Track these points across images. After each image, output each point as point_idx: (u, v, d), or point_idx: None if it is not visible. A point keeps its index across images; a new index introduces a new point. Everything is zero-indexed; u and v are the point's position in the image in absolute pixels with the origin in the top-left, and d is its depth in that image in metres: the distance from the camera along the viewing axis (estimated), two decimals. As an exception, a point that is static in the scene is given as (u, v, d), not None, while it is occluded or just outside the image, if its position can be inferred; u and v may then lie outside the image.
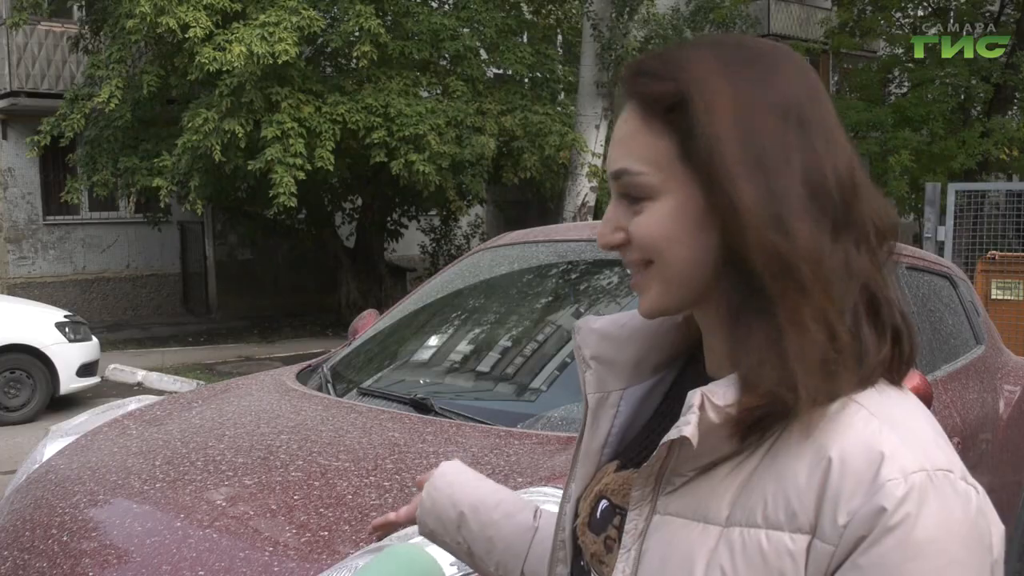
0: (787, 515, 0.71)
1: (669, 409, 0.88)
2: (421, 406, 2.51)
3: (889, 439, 0.71)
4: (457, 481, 1.15)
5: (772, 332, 0.73)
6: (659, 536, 0.78)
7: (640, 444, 0.88)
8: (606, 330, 0.93)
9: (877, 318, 0.76)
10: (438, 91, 11.10)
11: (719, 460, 0.76)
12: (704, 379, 0.85)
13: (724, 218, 0.74)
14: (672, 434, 0.75)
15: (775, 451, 0.74)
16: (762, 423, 0.74)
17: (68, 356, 7.68)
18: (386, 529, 1.20)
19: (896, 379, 0.78)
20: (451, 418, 2.42)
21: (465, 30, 11.15)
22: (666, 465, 0.78)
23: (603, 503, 0.87)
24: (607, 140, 11.51)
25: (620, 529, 0.83)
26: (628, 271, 0.83)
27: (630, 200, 0.80)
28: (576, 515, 0.92)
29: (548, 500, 1.82)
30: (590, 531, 0.88)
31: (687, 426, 0.74)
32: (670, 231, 0.77)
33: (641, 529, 0.79)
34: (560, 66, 12.65)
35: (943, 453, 0.72)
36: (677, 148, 0.77)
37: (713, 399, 0.74)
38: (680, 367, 0.92)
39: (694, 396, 0.75)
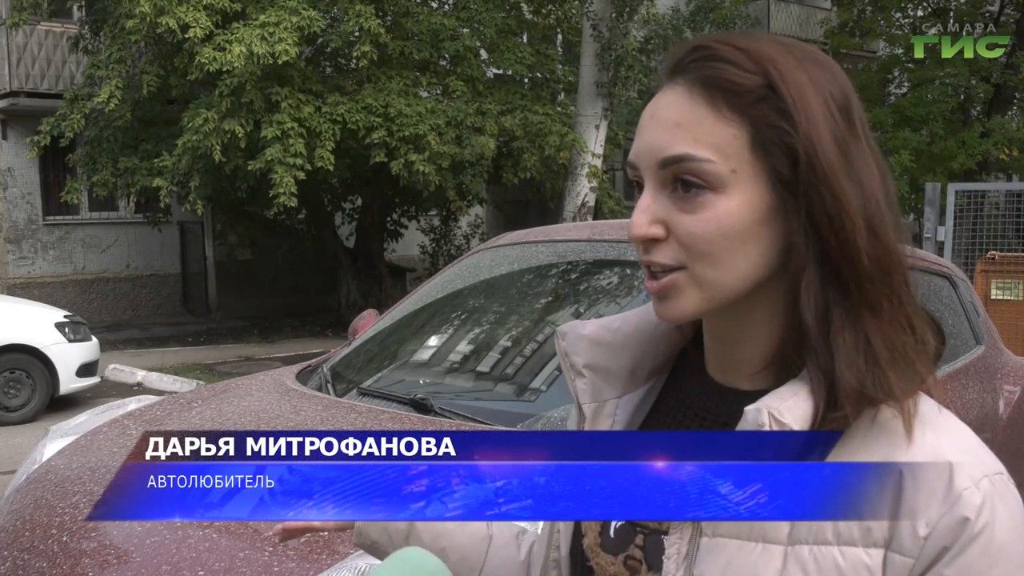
0: (861, 530, 0.69)
1: (666, 416, 0.85)
2: (421, 406, 2.51)
3: (949, 448, 0.71)
4: None
5: (865, 335, 0.72)
6: (713, 560, 0.73)
7: None
8: (598, 336, 0.87)
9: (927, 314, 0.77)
10: (438, 91, 11.10)
11: None
12: (706, 383, 0.83)
13: (820, 220, 0.71)
14: None
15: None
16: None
17: (68, 356, 7.68)
18: (295, 533, 1.01)
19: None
20: (451, 418, 2.42)
21: (465, 30, 11.15)
22: None
23: (615, 520, 0.82)
24: (607, 140, 11.52)
25: (645, 549, 0.80)
26: (651, 270, 0.76)
27: (683, 190, 0.73)
28: (580, 533, 0.86)
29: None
30: (604, 551, 0.83)
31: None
32: (733, 229, 0.72)
33: (686, 553, 0.75)
34: (560, 66, 12.65)
35: (990, 456, 0.73)
36: (748, 138, 0.72)
37: (780, 417, 0.71)
38: (670, 369, 0.88)
39: (760, 414, 0.71)
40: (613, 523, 0.82)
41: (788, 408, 0.71)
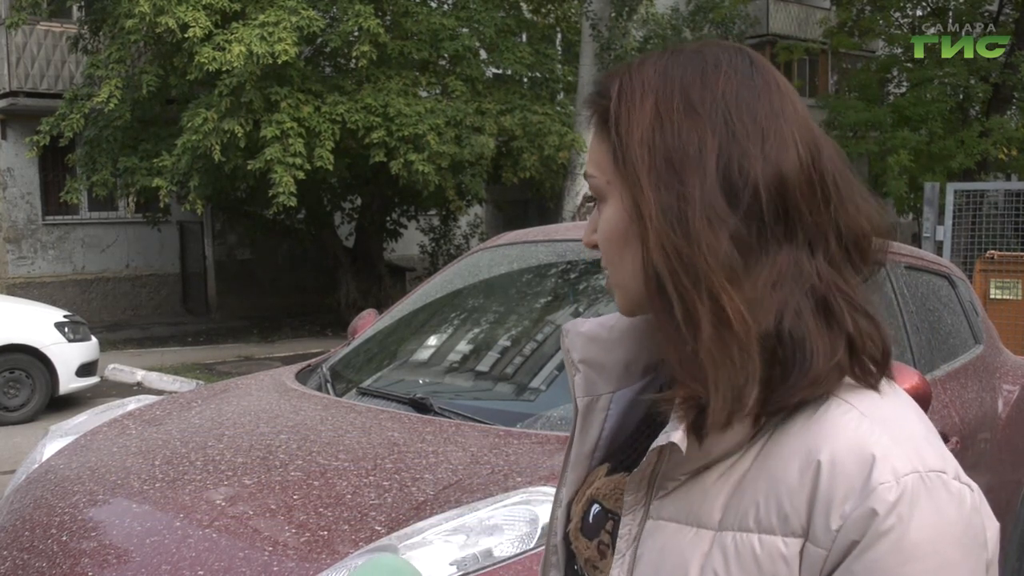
0: (779, 519, 0.71)
1: (660, 412, 0.87)
2: (420, 406, 2.51)
3: (881, 440, 0.70)
4: None
5: (681, 332, 0.73)
6: (653, 541, 0.77)
7: (631, 447, 0.88)
8: (593, 333, 0.92)
9: (830, 322, 0.74)
10: (437, 91, 11.10)
11: (710, 463, 0.76)
12: None
13: (636, 219, 0.76)
14: (660, 440, 0.75)
15: (765, 453, 0.74)
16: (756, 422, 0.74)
17: (67, 356, 7.68)
18: None
19: (871, 382, 0.75)
20: (450, 418, 2.43)
21: (464, 30, 11.15)
22: (657, 470, 0.78)
23: (595, 507, 0.87)
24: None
25: (613, 534, 0.83)
26: None
27: (598, 205, 0.84)
28: (568, 519, 0.91)
29: (546, 500, 1.82)
30: (583, 536, 0.88)
31: (675, 432, 0.74)
32: (613, 232, 0.80)
33: (635, 534, 0.79)
34: (559, 66, 12.65)
35: (936, 453, 0.71)
36: (612, 153, 0.80)
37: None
38: None
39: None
40: (592, 510, 0.87)
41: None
